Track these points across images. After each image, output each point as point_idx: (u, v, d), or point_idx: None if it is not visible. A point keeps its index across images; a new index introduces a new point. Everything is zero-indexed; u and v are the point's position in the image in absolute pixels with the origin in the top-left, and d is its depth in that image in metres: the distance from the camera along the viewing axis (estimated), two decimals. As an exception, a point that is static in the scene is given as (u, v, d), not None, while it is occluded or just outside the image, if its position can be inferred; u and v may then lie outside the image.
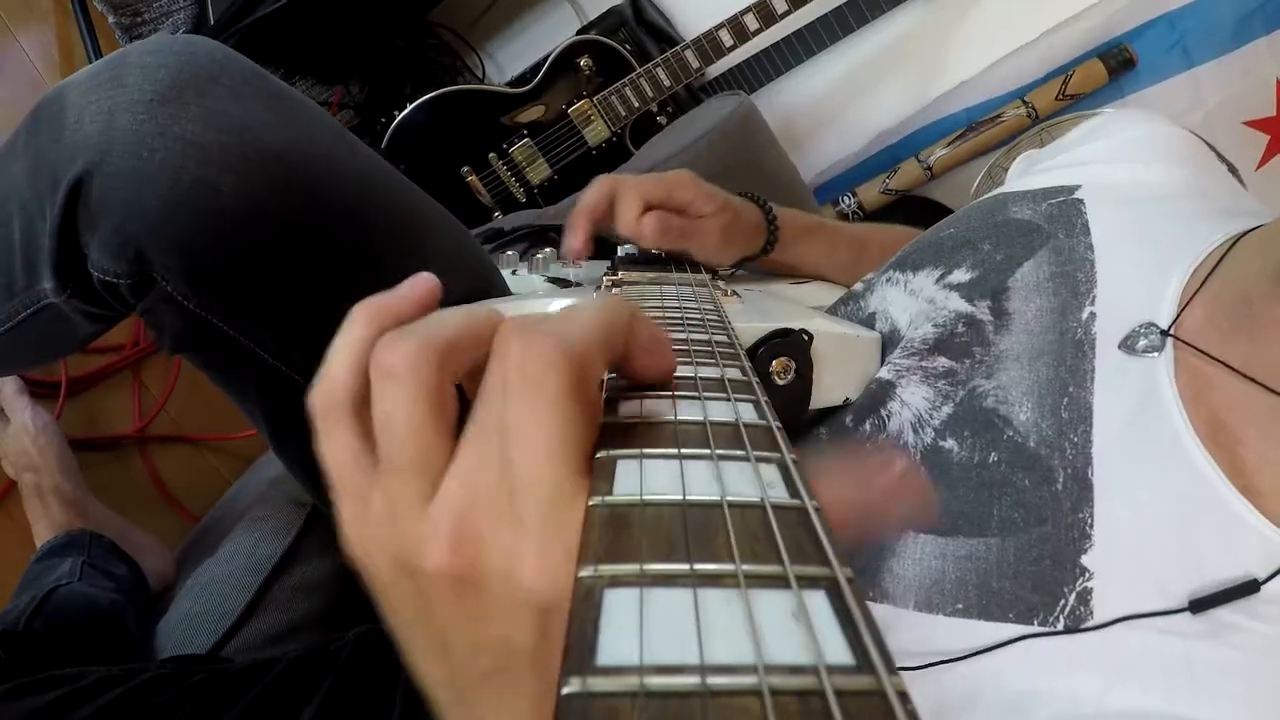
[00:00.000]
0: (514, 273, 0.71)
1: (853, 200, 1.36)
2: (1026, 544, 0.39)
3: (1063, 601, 0.38)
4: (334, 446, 0.23)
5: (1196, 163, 0.54)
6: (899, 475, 0.22)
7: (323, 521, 0.71)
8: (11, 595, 0.79)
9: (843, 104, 1.38)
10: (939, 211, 1.36)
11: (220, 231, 0.48)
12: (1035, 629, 0.38)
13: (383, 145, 1.24)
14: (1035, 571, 0.39)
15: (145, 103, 0.46)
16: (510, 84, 1.29)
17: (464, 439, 0.21)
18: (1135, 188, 0.51)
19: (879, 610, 0.41)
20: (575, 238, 0.59)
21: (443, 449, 0.21)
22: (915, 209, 1.36)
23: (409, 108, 1.23)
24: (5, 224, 0.53)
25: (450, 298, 0.57)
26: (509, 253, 0.78)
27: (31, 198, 0.50)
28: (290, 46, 1.23)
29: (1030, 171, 0.60)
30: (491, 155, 1.27)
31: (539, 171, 1.28)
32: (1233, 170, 0.56)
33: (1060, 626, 0.37)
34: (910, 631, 0.41)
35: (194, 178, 0.46)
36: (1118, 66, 1.19)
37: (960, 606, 0.40)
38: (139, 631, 0.70)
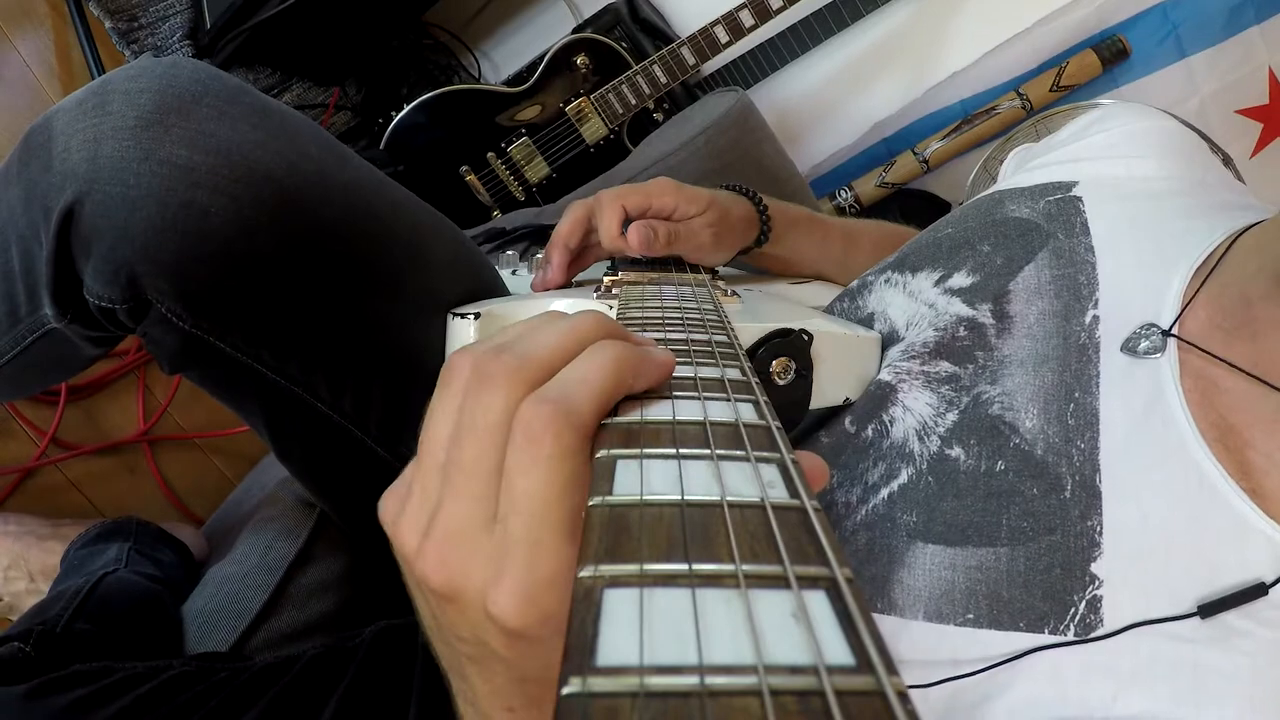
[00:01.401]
0: (514, 273, 0.71)
1: (849, 194, 1.36)
2: (1036, 553, 0.39)
3: (1073, 610, 0.38)
4: (444, 415, 0.25)
5: (1194, 157, 0.53)
6: None
7: (332, 524, 0.72)
8: (54, 581, 0.80)
9: (838, 97, 1.38)
10: (935, 204, 1.36)
11: (211, 253, 0.48)
12: (1046, 638, 0.38)
13: (381, 146, 1.24)
14: (1045, 580, 0.39)
15: (129, 129, 0.46)
16: (507, 83, 1.29)
17: (458, 467, 0.23)
18: (1133, 183, 0.50)
19: (886, 623, 0.41)
20: (550, 271, 0.57)
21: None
22: (912, 202, 1.36)
23: (407, 108, 1.23)
24: (4, 251, 0.54)
25: (447, 301, 0.56)
26: (509, 253, 0.78)
27: (27, 226, 0.50)
28: (286, 49, 1.23)
29: (1025, 167, 0.59)
30: (490, 154, 1.27)
31: (537, 170, 1.28)
32: (1228, 161, 0.56)
33: (1071, 635, 0.37)
34: (919, 643, 0.40)
35: (181, 201, 0.46)
36: (1111, 57, 1.19)
37: (970, 616, 0.39)
38: (180, 615, 0.70)
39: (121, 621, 0.65)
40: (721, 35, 1.18)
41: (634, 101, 1.24)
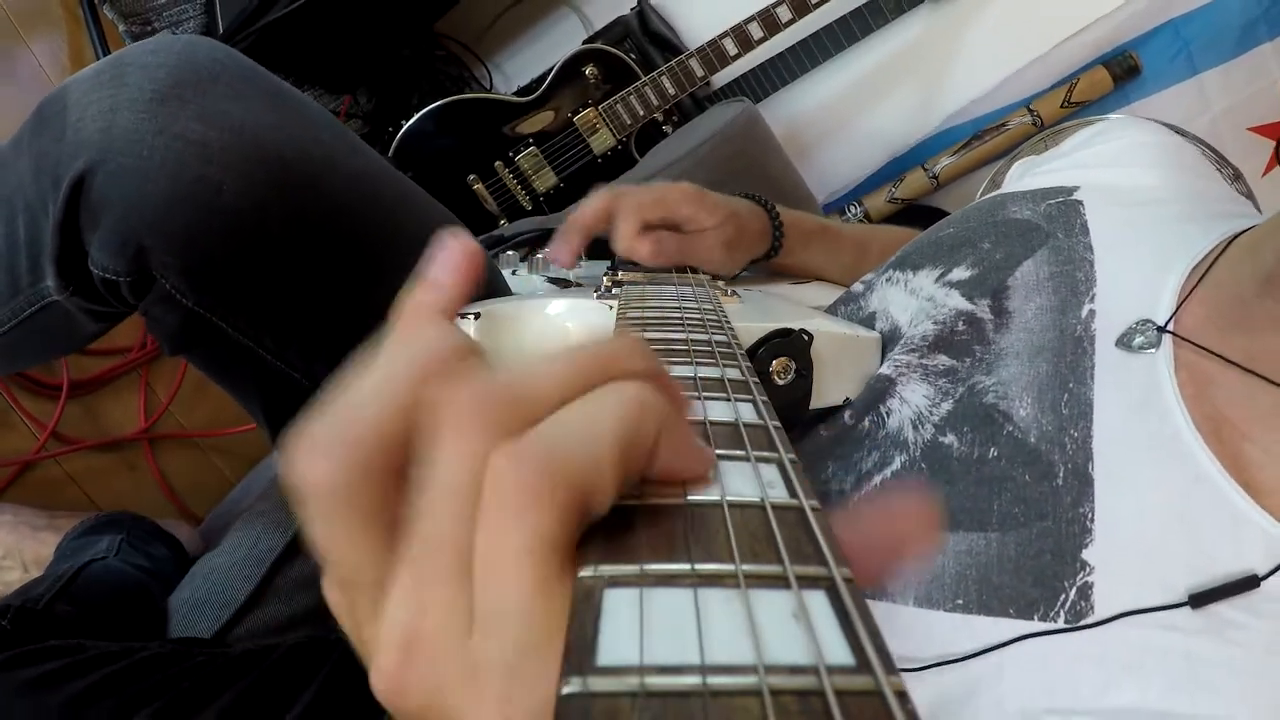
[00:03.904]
0: (514, 273, 0.71)
1: (859, 209, 1.37)
2: (1027, 539, 0.39)
3: (1063, 596, 0.38)
4: (338, 525, 0.17)
5: (1193, 169, 0.54)
6: (912, 527, 0.19)
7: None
8: (48, 565, 0.81)
9: (848, 114, 1.38)
10: (944, 219, 1.36)
11: (219, 229, 0.48)
12: (1036, 624, 0.37)
13: (390, 154, 1.25)
14: (1036, 566, 0.39)
15: (145, 101, 0.47)
16: (517, 93, 1.30)
17: (411, 550, 0.17)
18: (1133, 191, 0.51)
19: (877, 608, 0.41)
20: (565, 250, 0.58)
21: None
22: (921, 217, 1.36)
23: (416, 116, 1.24)
24: (10, 221, 0.54)
25: None
26: (509, 253, 0.78)
27: (35, 195, 0.50)
28: (298, 56, 1.24)
29: (1028, 175, 0.60)
30: (498, 164, 1.27)
31: (545, 180, 1.29)
32: (1238, 176, 0.56)
33: (1061, 621, 0.37)
34: (909, 628, 0.40)
35: (194, 176, 0.46)
36: (1123, 74, 1.19)
37: (960, 602, 0.39)
38: (166, 607, 0.70)
39: (103, 607, 0.65)
40: (730, 48, 1.19)
41: (642, 113, 1.25)
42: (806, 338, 0.45)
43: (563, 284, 0.64)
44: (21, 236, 0.53)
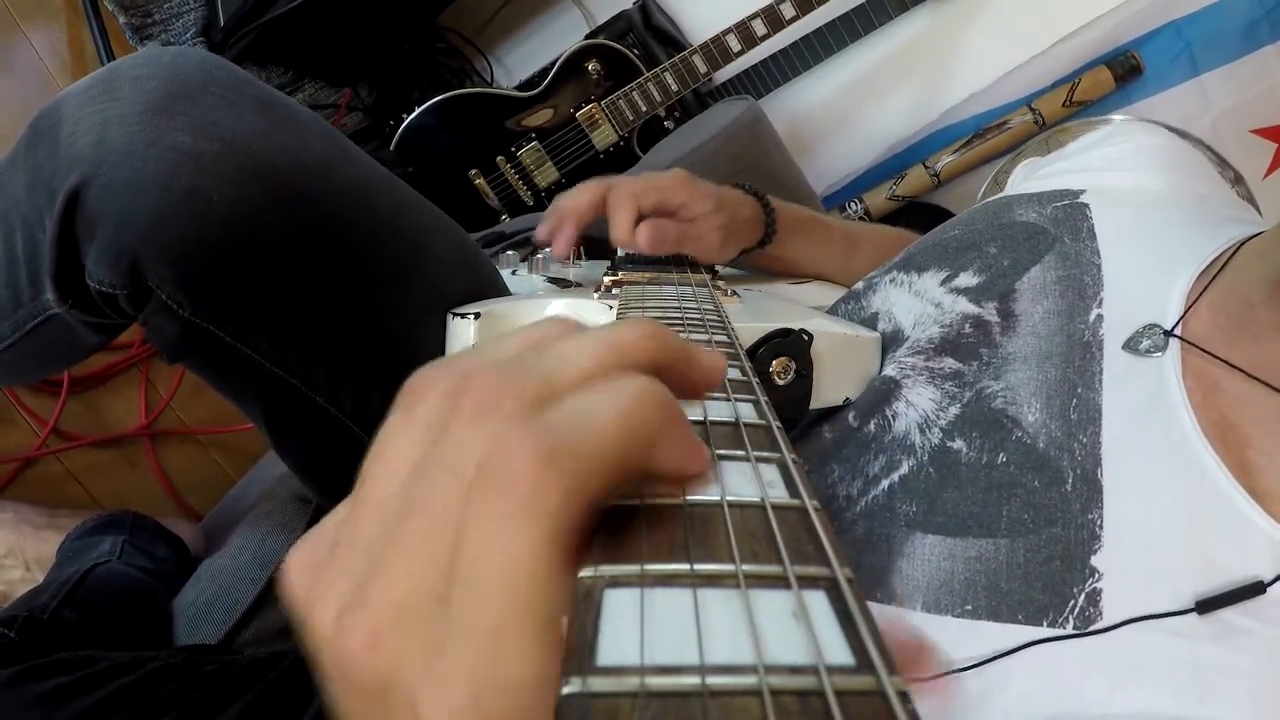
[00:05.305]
0: (514, 273, 0.71)
1: (860, 206, 1.36)
2: (1036, 545, 0.39)
3: (1072, 602, 0.38)
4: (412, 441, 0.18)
5: (1199, 174, 0.54)
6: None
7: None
8: (50, 569, 0.80)
9: (851, 110, 1.38)
10: (946, 218, 1.35)
11: (213, 240, 0.48)
12: (1045, 630, 0.38)
13: (391, 148, 1.25)
14: (1045, 572, 0.39)
15: (136, 114, 0.47)
16: (519, 88, 1.29)
17: (420, 515, 0.17)
18: (1139, 194, 0.51)
19: (885, 612, 0.41)
20: (561, 243, 0.58)
21: None
22: (922, 215, 1.36)
23: (418, 110, 1.24)
24: (9, 237, 0.54)
25: (448, 300, 0.56)
26: (509, 253, 0.78)
27: (31, 210, 0.51)
28: (299, 49, 1.23)
29: (1033, 177, 0.60)
30: (499, 158, 1.27)
31: (547, 175, 1.29)
32: (1239, 179, 0.57)
33: (1070, 627, 0.37)
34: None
35: (185, 187, 0.46)
36: (1125, 74, 1.19)
37: (969, 607, 0.39)
38: (171, 609, 0.70)
39: (109, 612, 0.65)
40: (734, 44, 1.19)
41: (644, 108, 1.25)
42: (806, 338, 0.45)
43: (563, 284, 0.63)
44: (21, 251, 0.54)
